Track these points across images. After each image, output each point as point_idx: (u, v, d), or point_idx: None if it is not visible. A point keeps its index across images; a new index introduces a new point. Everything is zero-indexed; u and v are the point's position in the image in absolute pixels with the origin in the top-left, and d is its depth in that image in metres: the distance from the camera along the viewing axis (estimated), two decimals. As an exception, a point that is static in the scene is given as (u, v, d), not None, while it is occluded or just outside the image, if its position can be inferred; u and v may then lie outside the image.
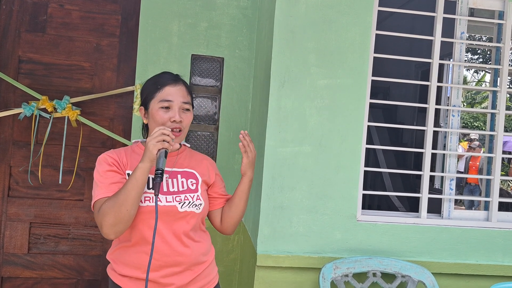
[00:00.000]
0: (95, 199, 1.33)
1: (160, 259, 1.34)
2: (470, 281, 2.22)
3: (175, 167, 1.44)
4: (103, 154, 1.41)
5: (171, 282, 1.36)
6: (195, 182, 1.44)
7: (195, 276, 1.40)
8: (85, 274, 2.54)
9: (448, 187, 2.35)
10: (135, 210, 1.28)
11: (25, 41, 2.44)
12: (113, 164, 1.37)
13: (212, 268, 1.49)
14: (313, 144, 2.08)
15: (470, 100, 16.20)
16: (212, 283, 1.48)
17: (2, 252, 2.43)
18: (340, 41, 2.08)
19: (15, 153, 2.44)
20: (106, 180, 1.34)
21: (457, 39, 2.35)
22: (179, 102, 1.39)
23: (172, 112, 1.38)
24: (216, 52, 2.59)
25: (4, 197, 2.43)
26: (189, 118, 1.42)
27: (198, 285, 1.42)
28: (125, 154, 1.42)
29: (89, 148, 2.53)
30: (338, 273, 2.01)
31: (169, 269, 1.35)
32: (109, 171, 1.36)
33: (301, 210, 2.07)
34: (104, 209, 1.27)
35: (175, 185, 1.40)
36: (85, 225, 2.53)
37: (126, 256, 1.37)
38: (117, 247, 1.40)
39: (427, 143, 2.27)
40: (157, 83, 1.42)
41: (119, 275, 1.38)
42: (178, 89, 1.41)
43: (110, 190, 1.31)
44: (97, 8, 2.52)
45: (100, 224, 1.28)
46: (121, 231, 1.29)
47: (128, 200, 1.25)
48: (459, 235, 2.21)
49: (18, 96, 2.42)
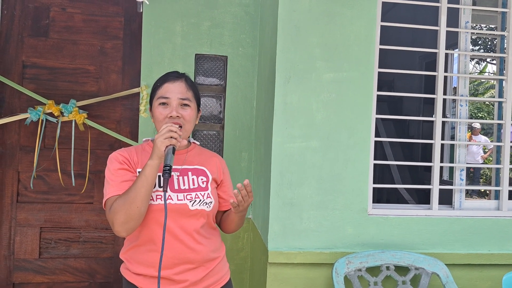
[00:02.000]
0: (106, 197, 1.34)
1: (173, 256, 1.34)
2: (483, 271, 2.20)
3: (185, 165, 1.44)
4: (114, 152, 1.42)
5: (185, 278, 1.36)
6: (205, 180, 1.44)
7: (207, 272, 1.41)
8: (97, 276, 2.55)
9: (459, 177, 2.33)
10: (145, 207, 1.29)
11: (29, 46, 2.44)
12: (124, 162, 1.38)
13: (223, 264, 1.50)
14: (320, 139, 2.06)
15: (473, 91, 16.12)
16: (224, 279, 1.49)
17: (13, 258, 2.44)
18: (345, 34, 2.07)
19: (22, 159, 2.45)
20: (117, 178, 1.35)
21: (462, 28, 2.33)
22: (176, 98, 1.39)
23: (170, 108, 1.39)
24: (220, 50, 2.59)
25: (13, 202, 2.44)
26: (189, 113, 1.41)
27: (210, 281, 1.42)
28: (136, 152, 1.43)
29: (97, 151, 2.54)
30: (351, 267, 1.99)
31: (182, 266, 1.36)
32: (120, 169, 1.37)
33: (311, 206, 2.06)
34: (115, 207, 1.28)
35: (186, 182, 1.40)
36: (96, 227, 2.54)
37: (139, 255, 1.38)
38: (130, 246, 1.41)
39: (436, 134, 2.25)
40: (158, 82, 1.45)
41: (133, 274, 1.39)
42: (177, 85, 1.41)
43: (121, 188, 1.32)
44: (100, 11, 2.52)
45: (111, 222, 1.29)
46: (132, 228, 1.30)
47: (138, 197, 1.26)
48: (470, 225, 2.19)
49: (23, 102, 2.42)
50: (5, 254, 2.42)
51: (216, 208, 1.48)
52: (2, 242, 2.42)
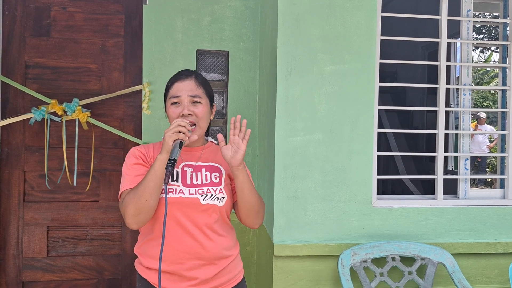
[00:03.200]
0: (121, 191, 1.38)
1: (184, 251, 1.35)
2: (490, 260, 2.20)
3: (200, 161, 1.45)
4: (132, 148, 1.46)
5: (195, 276, 1.36)
6: (218, 175, 1.44)
7: (219, 270, 1.40)
8: (105, 273, 2.57)
9: (463, 167, 2.32)
10: (155, 200, 1.30)
11: (31, 46, 2.45)
12: (140, 157, 1.42)
13: (236, 263, 1.48)
14: (323, 132, 2.06)
15: (478, 80, 16.00)
16: (237, 279, 1.47)
17: (22, 257, 2.46)
18: (345, 26, 2.06)
19: (28, 159, 2.46)
20: (132, 173, 1.38)
21: (464, 17, 2.31)
22: (186, 96, 1.40)
23: (181, 107, 1.40)
24: (221, 46, 2.58)
25: (20, 202, 2.46)
26: (201, 110, 1.41)
27: (222, 280, 1.41)
28: (154, 148, 1.46)
29: (101, 149, 2.55)
30: (356, 259, 2.00)
31: (192, 262, 1.36)
32: (136, 164, 1.40)
33: (316, 198, 2.07)
34: (126, 200, 1.31)
35: (199, 178, 1.41)
36: (102, 225, 2.56)
37: (151, 249, 1.39)
38: (144, 241, 1.42)
39: (440, 124, 2.25)
40: (169, 82, 1.46)
41: (145, 268, 1.40)
42: (186, 84, 1.42)
43: (134, 181, 1.35)
44: (100, 9, 2.53)
45: (123, 214, 1.32)
46: (143, 221, 1.32)
47: (147, 190, 1.28)
48: (476, 214, 2.19)
49: (27, 102, 2.43)
50: (14, 253, 2.45)
51: (230, 205, 1.46)
52: (10, 242, 2.45)
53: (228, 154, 1.34)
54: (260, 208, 1.45)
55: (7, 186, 2.44)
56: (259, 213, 1.46)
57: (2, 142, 2.42)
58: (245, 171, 1.38)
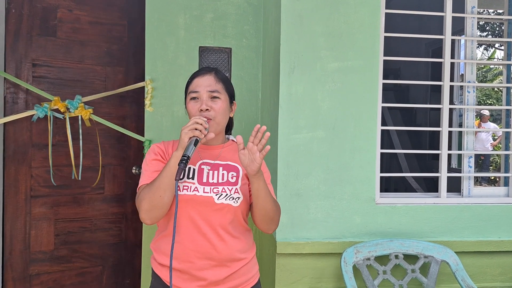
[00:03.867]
0: (138, 186, 1.39)
1: (194, 249, 1.34)
2: (494, 258, 2.19)
3: (218, 160, 1.43)
4: (153, 144, 1.47)
5: (204, 276, 1.34)
6: (235, 175, 1.42)
7: (230, 273, 1.37)
8: (110, 260, 2.68)
9: (467, 165, 2.31)
10: (169, 197, 1.30)
11: (38, 45, 2.46)
12: (159, 154, 1.42)
13: (251, 266, 1.45)
14: (326, 129, 2.06)
15: (482, 78, 15.90)
16: (251, 282, 1.44)
17: (29, 251, 2.48)
18: (349, 23, 2.05)
19: (35, 155, 2.48)
20: (150, 168, 1.39)
21: (468, 13, 2.29)
22: (205, 92, 1.39)
23: (200, 102, 1.39)
24: (223, 42, 2.58)
25: (27, 198, 2.47)
26: (219, 105, 1.40)
27: (234, 282, 1.38)
28: (173, 145, 1.46)
29: (105, 145, 2.60)
30: (359, 257, 2.00)
31: (203, 261, 1.34)
32: (154, 160, 1.41)
33: (318, 196, 2.06)
34: (141, 195, 1.32)
35: (215, 177, 1.39)
36: (107, 215, 2.65)
37: (164, 245, 1.38)
38: (158, 237, 1.42)
39: (444, 121, 2.24)
40: (189, 78, 1.46)
41: (158, 265, 1.40)
42: (205, 79, 1.41)
43: (151, 177, 1.35)
44: (104, 14, 2.57)
45: (138, 209, 1.33)
46: (157, 217, 1.32)
47: (161, 186, 1.28)
48: (480, 212, 2.18)
49: (33, 99, 2.44)
50: (21, 248, 2.47)
51: (247, 206, 1.42)
52: (17, 237, 2.46)
53: (244, 161, 1.29)
54: (274, 215, 1.42)
55: (14, 183, 2.45)
56: (274, 219, 1.43)
57: (8, 139, 2.43)
58: (261, 179, 1.34)
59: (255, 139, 1.28)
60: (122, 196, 2.67)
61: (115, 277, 2.68)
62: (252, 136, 1.28)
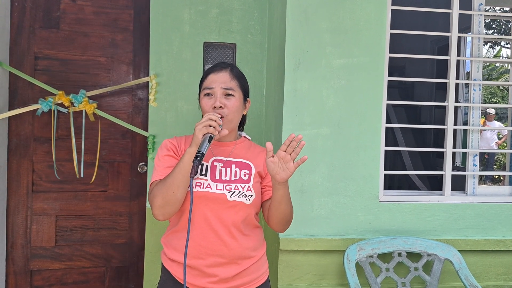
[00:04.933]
0: (151, 181, 1.39)
1: (206, 246, 1.34)
2: (498, 257, 2.19)
3: (231, 157, 1.43)
4: (165, 140, 1.45)
5: (214, 273, 1.34)
6: (248, 172, 1.41)
7: (241, 270, 1.37)
8: (113, 261, 2.61)
9: (472, 163, 2.30)
10: (182, 193, 1.30)
11: (40, 38, 2.45)
12: (171, 149, 1.42)
13: (261, 264, 1.45)
14: (331, 126, 2.05)
15: (487, 76, 15.82)
16: (261, 279, 1.44)
17: (30, 246, 2.49)
18: (355, 19, 2.04)
19: (37, 149, 2.48)
20: (162, 164, 1.39)
21: (476, 11, 2.27)
22: (219, 88, 1.38)
23: (214, 98, 1.38)
24: (228, 38, 2.57)
25: (28, 192, 2.48)
26: (233, 103, 1.39)
27: (244, 280, 1.38)
28: (185, 141, 1.45)
29: (109, 140, 2.56)
30: (362, 254, 2.00)
31: (213, 258, 1.34)
32: (167, 155, 1.40)
33: (322, 193, 2.06)
34: (154, 191, 1.32)
35: (228, 174, 1.39)
36: (110, 214, 2.59)
37: (175, 241, 1.39)
38: (169, 232, 1.43)
39: (449, 119, 2.22)
40: (204, 73, 1.45)
41: (168, 260, 1.40)
42: (220, 76, 1.40)
43: (164, 173, 1.35)
44: (109, 3, 2.53)
45: (151, 205, 1.33)
46: (169, 213, 1.32)
47: (174, 183, 1.28)
48: (484, 211, 2.17)
49: (36, 93, 2.44)
50: (22, 242, 2.48)
51: (259, 204, 1.42)
52: (19, 231, 2.47)
53: (273, 169, 1.27)
54: (291, 218, 1.43)
55: (15, 177, 2.46)
56: (289, 222, 1.44)
57: (11, 132, 2.44)
58: (287, 186, 1.34)
59: (288, 147, 1.26)
60: (126, 195, 2.60)
61: (119, 279, 2.61)
62: (285, 144, 1.26)
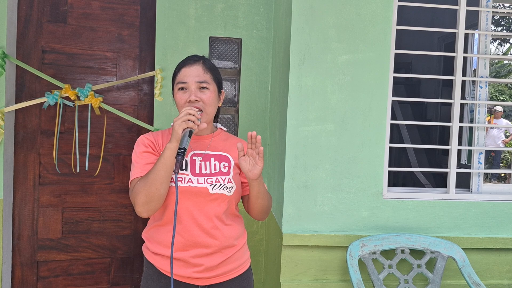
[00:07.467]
0: (131, 179, 1.39)
1: (190, 239, 1.36)
2: (501, 255, 2.18)
3: (209, 150, 1.45)
4: (141, 136, 1.46)
5: (200, 263, 1.38)
6: (227, 165, 1.43)
7: (225, 258, 1.41)
8: (118, 252, 2.66)
9: (477, 161, 2.29)
10: (165, 189, 1.31)
11: (48, 32, 2.47)
12: (149, 145, 1.42)
13: (243, 252, 1.49)
14: (335, 122, 2.05)
15: (495, 73, 15.68)
16: (243, 267, 1.48)
17: (36, 238, 2.52)
18: (361, 14, 2.03)
19: (44, 142, 2.51)
20: (141, 161, 1.39)
21: (483, 7, 2.25)
22: (194, 82, 1.39)
23: (189, 92, 1.39)
24: (234, 33, 2.57)
25: (35, 184, 2.51)
26: (208, 96, 1.40)
27: (228, 267, 1.42)
28: (162, 136, 1.46)
29: (115, 134, 2.59)
30: (365, 250, 2.00)
31: (199, 249, 1.37)
32: (145, 152, 1.40)
33: (326, 188, 2.06)
34: (136, 188, 1.32)
35: (208, 167, 1.41)
36: (116, 206, 2.63)
37: (159, 235, 1.41)
38: (151, 226, 1.44)
39: (454, 116, 2.21)
40: (176, 67, 1.45)
41: (152, 253, 1.43)
42: (194, 69, 1.40)
43: (144, 170, 1.36)
44: (116, -2, 2.54)
45: (133, 203, 1.33)
46: (153, 209, 1.33)
47: (157, 179, 1.28)
48: (489, 209, 2.16)
49: (43, 86, 2.46)
50: (29, 234, 2.51)
51: (239, 194, 1.46)
52: (25, 223, 2.50)
53: (246, 167, 1.33)
54: (269, 207, 1.51)
55: (22, 169, 2.48)
56: (268, 211, 1.52)
57: (18, 125, 2.46)
58: (262, 182, 1.40)
59: (251, 145, 1.32)
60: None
61: (123, 270, 2.67)
62: (249, 143, 1.33)
